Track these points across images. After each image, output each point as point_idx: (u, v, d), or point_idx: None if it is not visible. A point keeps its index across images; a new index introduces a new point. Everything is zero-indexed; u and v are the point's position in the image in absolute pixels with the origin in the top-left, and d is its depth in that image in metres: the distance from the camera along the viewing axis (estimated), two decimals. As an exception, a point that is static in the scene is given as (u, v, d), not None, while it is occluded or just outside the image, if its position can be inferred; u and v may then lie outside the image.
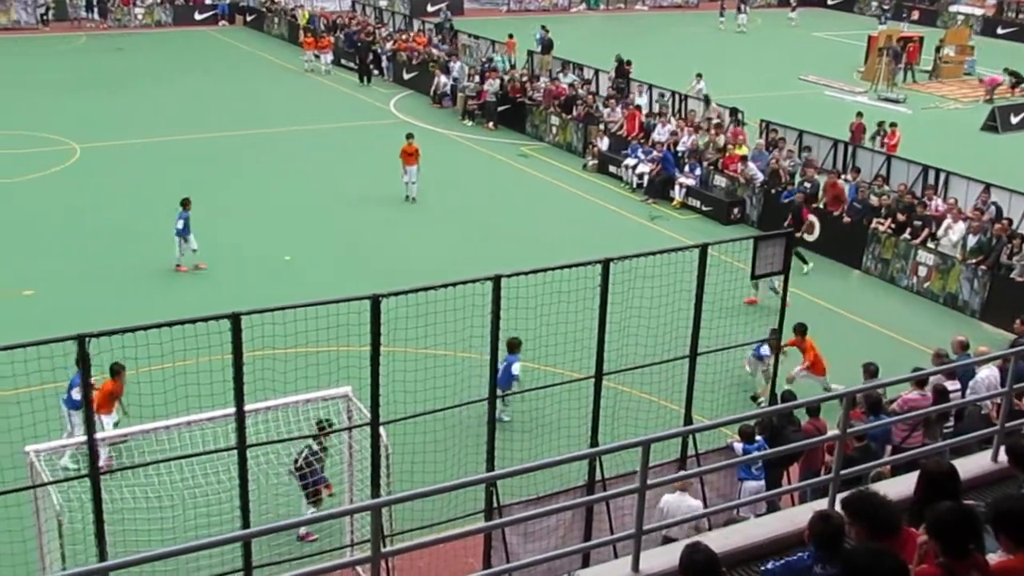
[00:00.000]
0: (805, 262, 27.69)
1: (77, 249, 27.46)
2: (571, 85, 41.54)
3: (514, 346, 19.02)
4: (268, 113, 42.39)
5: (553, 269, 14.60)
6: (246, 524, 12.99)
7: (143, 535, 14.01)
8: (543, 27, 50.10)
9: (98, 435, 12.50)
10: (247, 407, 12.90)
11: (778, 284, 21.22)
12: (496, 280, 13.75)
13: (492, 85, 42.18)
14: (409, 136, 32.56)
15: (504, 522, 14.03)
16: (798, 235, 27.73)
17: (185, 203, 26.29)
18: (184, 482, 14.22)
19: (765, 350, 19.86)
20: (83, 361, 11.73)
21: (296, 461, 15.84)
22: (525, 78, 43.27)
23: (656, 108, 38.42)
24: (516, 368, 18.98)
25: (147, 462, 13.84)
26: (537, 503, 15.00)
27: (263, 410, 14.56)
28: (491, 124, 41.80)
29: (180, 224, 26.10)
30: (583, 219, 31.69)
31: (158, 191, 32.06)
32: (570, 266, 14.52)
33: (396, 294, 13.20)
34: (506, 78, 42.93)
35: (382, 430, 13.92)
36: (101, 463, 15.84)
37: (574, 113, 39.41)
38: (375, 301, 12.96)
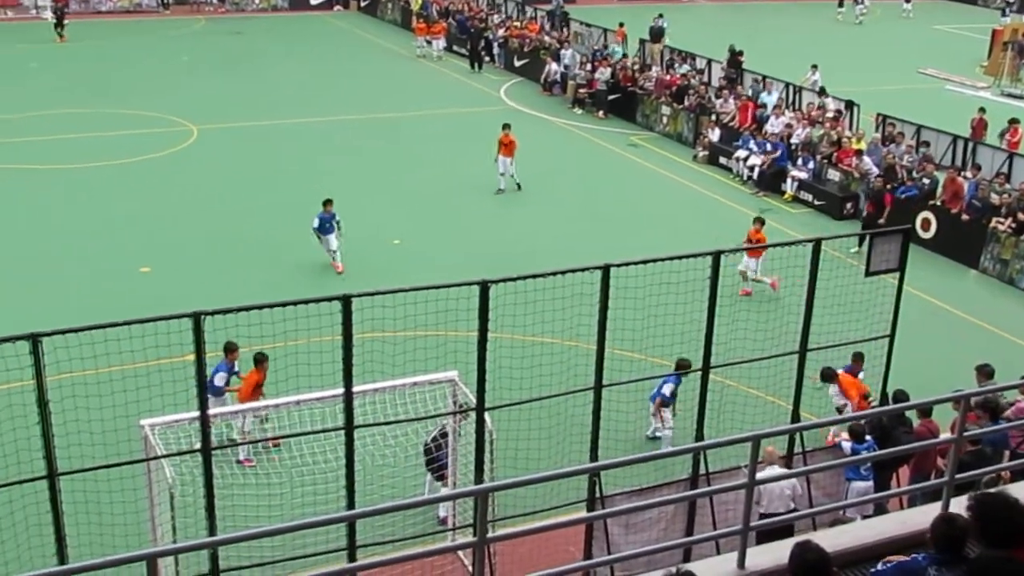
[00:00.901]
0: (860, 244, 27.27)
1: (193, 229, 28.07)
2: (684, 75, 41.13)
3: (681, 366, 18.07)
4: (379, 98, 42.80)
5: (662, 260, 14.48)
6: (351, 504, 13.15)
7: (251, 511, 14.29)
8: (659, 15, 49.69)
9: (211, 411, 12.74)
10: (355, 388, 13.05)
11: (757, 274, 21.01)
12: (605, 269, 13.69)
13: (603, 74, 41.99)
14: (506, 126, 32.32)
15: (606, 513, 14.00)
16: (881, 221, 27.83)
17: (326, 204, 25.68)
18: (292, 460, 14.45)
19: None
20: (197, 337, 11.96)
21: (426, 443, 15.96)
22: (636, 67, 42.97)
23: (775, 103, 37.81)
24: (667, 389, 18.51)
25: (256, 439, 14.11)
26: (640, 495, 14.92)
27: (370, 392, 14.71)
28: (601, 113, 41.62)
29: (316, 223, 25.55)
30: (692, 210, 31.41)
31: (272, 173, 32.64)
32: (680, 257, 14.39)
33: (504, 280, 13.22)
34: (617, 66, 42.68)
35: (487, 415, 13.96)
36: (241, 458, 16.28)
37: (685, 103, 39.04)
38: (484, 287, 12.98)
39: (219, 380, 17.36)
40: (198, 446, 12.56)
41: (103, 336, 11.94)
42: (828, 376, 18.36)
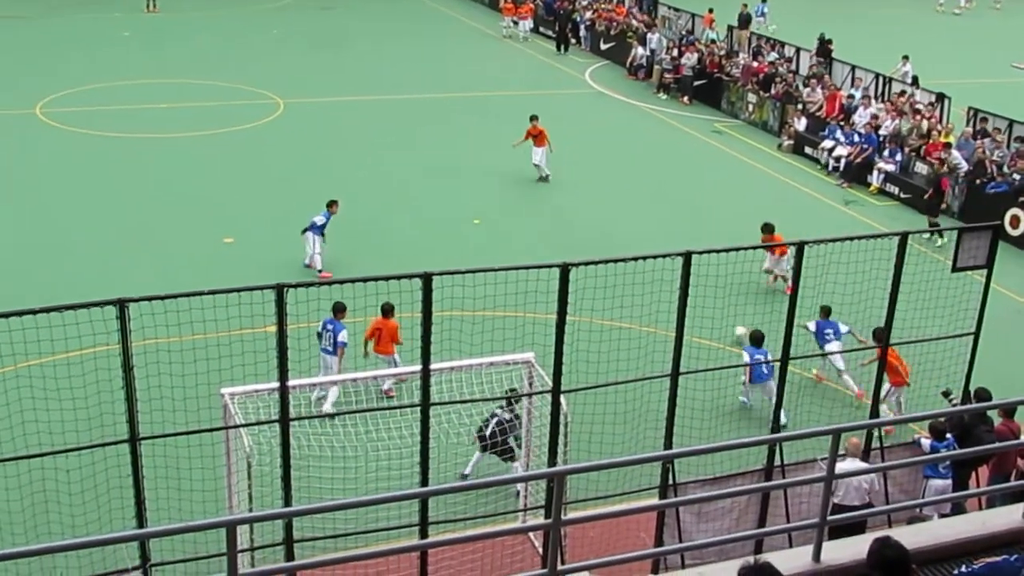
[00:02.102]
0: (940, 235, 26.91)
1: (276, 201, 28.37)
2: (771, 63, 40.60)
3: (757, 339, 18.23)
4: (464, 77, 42.87)
5: (745, 248, 14.36)
6: (425, 481, 13.22)
7: (327, 483, 14.43)
8: (744, 3, 49.08)
9: (293, 382, 12.87)
10: (432, 366, 13.10)
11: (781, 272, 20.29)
12: (687, 256, 13.57)
13: (690, 59, 41.62)
14: (533, 118, 31.39)
15: (679, 501, 13.94)
16: (943, 206, 28.49)
17: (331, 204, 24.41)
18: (368, 435, 14.55)
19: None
20: (280, 309, 12.08)
21: (481, 429, 15.98)
22: (723, 53, 42.50)
23: (861, 94, 37.19)
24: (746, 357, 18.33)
25: (334, 412, 14.22)
26: (713, 484, 14.81)
27: (447, 370, 14.77)
28: (686, 98, 41.27)
29: (320, 220, 24.07)
30: (776, 200, 31.00)
31: (355, 149, 32.87)
32: (763, 247, 14.29)
33: (585, 264, 13.16)
34: (704, 52, 42.27)
35: (563, 398, 13.94)
36: (385, 387, 16.84)
37: (772, 91, 38.54)
38: (564, 270, 12.95)
39: (343, 336, 17.79)
40: (276, 416, 12.70)
41: (188, 304, 12.12)
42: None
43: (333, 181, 29.82)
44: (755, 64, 40.60)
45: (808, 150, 35.19)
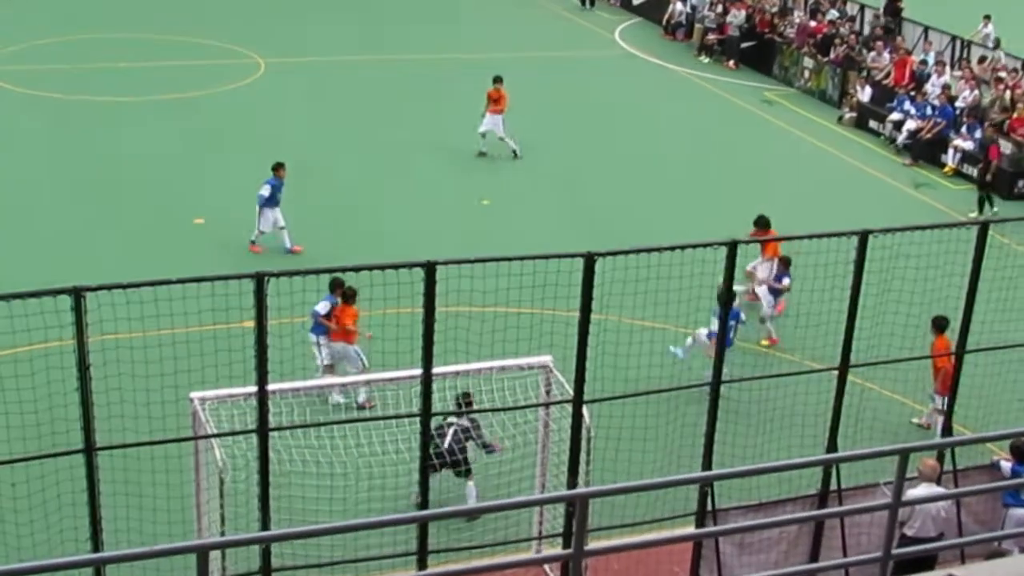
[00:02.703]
0: (992, 205, 28.63)
1: (251, 176, 28.35)
2: (831, 22, 40.56)
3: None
4: (474, 36, 42.87)
5: (799, 238, 14.39)
6: (424, 503, 13.28)
7: (310, 503, 14.50)
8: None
9: (273, 387, 12.92)
10: (435, 369, 13.14)
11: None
12: (731, 246, 13.59)
13: (737, 17, 41.60)
14: (497, 80, 31.24)
15: (719, 531, 13.97)
16: (988, 177, 29.14)
17: (277, 168, 24.46)
18: (359, 448, 14.60)
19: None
20: (259, 301, 12.13)
21: (436, 445, 15.77)
22: (776, 10, 42.46)
23: (934, 59, 37.13)
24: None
25: (319, 422, 14.28)
26: (758, 511, 14.83)
27: (451, 374, 14.81)
28: (731, 62, 41.24)
29: (266, 191, 24.15)
30: (834, 181, 31.01)
31: (344, 117, 32.91)
32: (819, 236, 14.24)
33: (613, 254, 13.20)
34: (754, 9, 42.23)
35: (585, 409, 13.98)
36: (361, 400, 16.79)
37: (832, 55, 38.50)
38: (589, 260, 12.98)
39: (322, 308, 17.98)
40: (254, 426, 12.76)
41: (153, 294, 12.25)
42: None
43: (319, 154, 29.90)
44: (812, 24, 40.56)
45: (872, 124, 35.16)
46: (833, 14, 41.59)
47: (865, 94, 36.14)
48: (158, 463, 13.54)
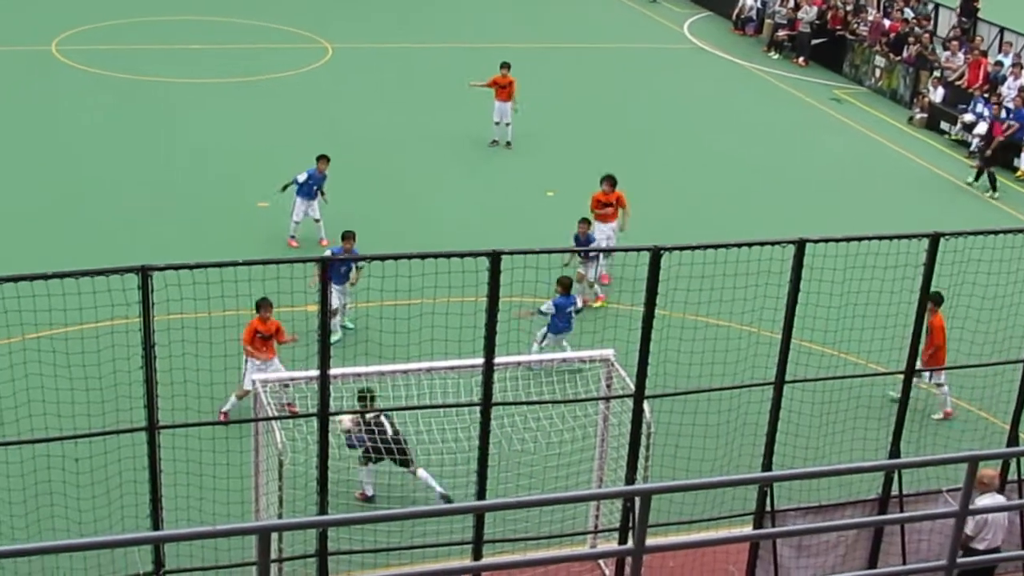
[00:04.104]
0: (995, 188, 29.64)
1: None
2: (905, 20, 40.14)
3: (567, 286, 18.72)
4: (542, 26, 42.82)
5: (868, 239, 14.22)
6: (481, 493, 13.29)
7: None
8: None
9: (334, 371, 12.98)
10: (497, 360, 13.15)
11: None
12: (799, 244, 13.48)
13: (808, 13, 41.25)
14: (504, 65, 30.85)
15: (778, 532, 13.90)
16: (988, 152, 30.60)
17: (320, 160, 24.18)
18: (418, 436, 14.67)
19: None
20: (323, 285, 12.20)
21: (373, 438, 15.62)
22: (850, 7, 42.07)
23: (1011, 61, 36.64)
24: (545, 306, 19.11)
25: (379, 409, 14.34)
26: (818, 513, 14.75)
27: (513, 365, 14.81)
28: (801, 59, 40.92)
29: (301, 178, 23.87)
30: (904, 182, 30.71)
31: (411, 101, 32.99)
32: (889, 237, 14.09)
33: (679, 249, 13.14)
34: (827, 5, 41.86)
35: (646, 404, 13.94)
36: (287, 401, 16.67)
37: (904, 54, 38.10)
38: (655, 254, 12.93)
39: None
40: (314, 409, 12.84)
41: (219, 275, 12.29)
42: None
43: (383, 140, 30.00)
44: (886, 22, 40.15)
45: (944, 125, 34.75)
46: (908, 12, 41.15)
47: (937, 95, 35.73)
48: (219, 443, 13.65)
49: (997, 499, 14.48)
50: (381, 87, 34.70)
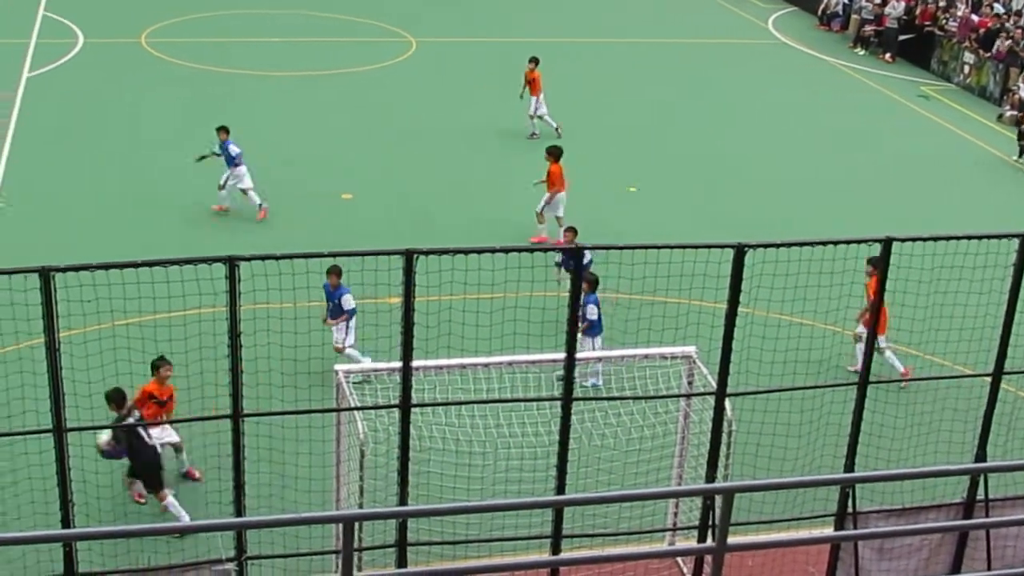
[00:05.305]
0: None
1: (400, 154, 28.74)
2: (997, 16, 39.53)
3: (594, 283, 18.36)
4: (625, 22, 42.75)
5: (957, 238, 14.02)
6: (561, 488, 13.32)
7: (448, 480, 14.66)
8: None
9: (417, 363, 13.07)
10: (578, 355, 13.16)
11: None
12: (886, 242, 13.33)
13: (896, 8, 40.78)
14: (532, 60, 30.78)
15: (859, 534, 13.78)
16: None
17: (219, 132, 25.02)
18: (498, 429, 14.72)
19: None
20: (408, 278, 12.28)
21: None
22: (942, 2, 41.51)
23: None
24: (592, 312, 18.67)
25: (461, 401, 14.40)
26: (901, 516, 14.58)
27: (594, 360, 14.83)
28: (888, 55, 40.46)
29: (235, 150, 24.68)
30: (992, 181, 30.27)
31: (491, 95, 33.05)
32: (977, 237, 13.90)
33: (764, 246, 13.06)
34: (915, 0, 41.38)
35: (727, 402, 13.88)
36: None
37: (994, 50, 37.53)
38: (739, 251, 12.86)
39: (348, 303, 16.81)
40: (397, 401, 12.92)
41: (304, 266, 12.43)
42: None
43: (466, 133, 30.09)
44: (975, 17, 39.57)
45: (1035, 124, 34.21)
46: (999, 7, 40.54)
47: (1028, 93, 35.19)
48: (301, 432, 13.79)
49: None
50: (461, 82, 34.79)
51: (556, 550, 13.56)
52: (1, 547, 13.23)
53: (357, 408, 13.90)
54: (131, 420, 14.89)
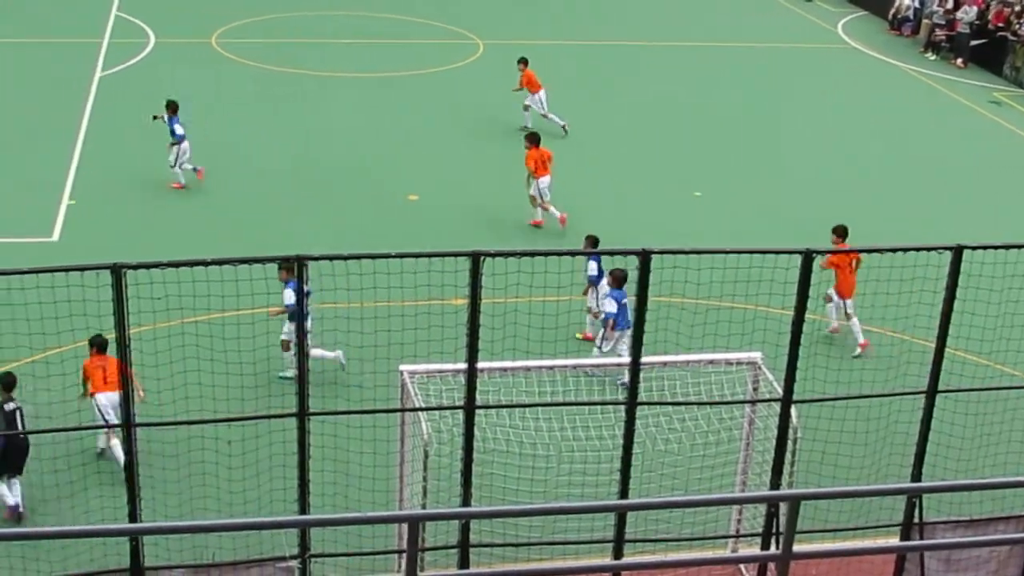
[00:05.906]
0: None
1: (467, 156, 28.80)
2: (1071, 22, 39.01)
3: (620, 279, 18.05)
4: (694, 25, 42.58)
5: (1026, 247, 13.89)
6: (624, 492, 13.30)
7: (511, 482, 14.67)
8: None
9: (482, 364, 13.09)
10: (643, 359, 13.14)
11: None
12: (957, 250, 13.21)
13: (968, 13, 40.28)
14: (521, 61, 31.07)
15: (927, 545, 13.64)
16: None
17: (168, 107, 26.17)
18: (562, 432, 14.71)
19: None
20: (474, 280, 12.31)
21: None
22: (1019, 7, 40.95)
23: None
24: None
25: (525, 403, 14.41)
26: (968, 527, 14.42)
27: (659, 365, 14.78)
28: (960, 61, 39.98)
29: (180, 131, 25.93)
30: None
31: (557, 98, 32.99)
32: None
33: (833, 252, 13.02)
34: (989, 4, 40.86)
35: (793, 409, 13.79)
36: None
37: (1069, 57, 37.05)
38: (807, 257, 12.79)
39: (288, 297, 16.31)
40: (461, 402, 12.96)
41: (371, 267, 12.50)
42: None
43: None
44: (1050, 23, 39.04)
45: (1110, 132, 33.72)
46: (1073, 14, 40.00)
47: (1103, 100, 34.69)
48: (365, 432, 13.85)
49: None
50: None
51: (618, 554, 13.54)
52: (71, 539, 13.40)
53: (422, 408, 13.95)
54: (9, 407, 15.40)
